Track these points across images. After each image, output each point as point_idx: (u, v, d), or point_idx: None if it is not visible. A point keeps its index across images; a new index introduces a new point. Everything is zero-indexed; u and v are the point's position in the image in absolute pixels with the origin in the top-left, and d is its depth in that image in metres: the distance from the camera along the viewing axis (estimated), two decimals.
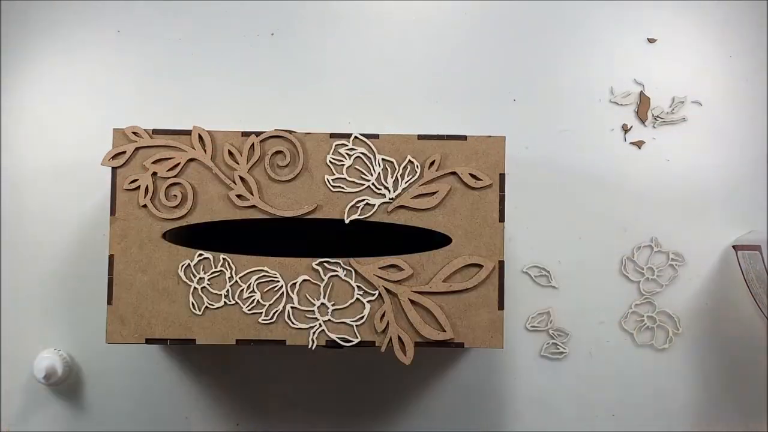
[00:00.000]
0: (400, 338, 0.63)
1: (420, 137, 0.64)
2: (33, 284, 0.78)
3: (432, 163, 0.64)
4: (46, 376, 0.73)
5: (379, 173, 0.64)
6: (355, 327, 0.63)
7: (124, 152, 0.64)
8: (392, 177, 0.64)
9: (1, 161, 0.79)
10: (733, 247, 0.44)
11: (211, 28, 0.81)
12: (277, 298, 0.63)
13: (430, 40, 0.81)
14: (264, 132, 0.64)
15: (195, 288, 0.63)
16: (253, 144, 0.64)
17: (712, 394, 0.79)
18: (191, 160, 0.64)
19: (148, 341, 0.63)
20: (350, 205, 0.64)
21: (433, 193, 0.64)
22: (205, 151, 0.64)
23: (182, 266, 0.63)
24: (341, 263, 0.63)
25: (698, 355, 0.78)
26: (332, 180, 0.64)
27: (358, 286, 0.63)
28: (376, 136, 0.65)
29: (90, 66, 0.81)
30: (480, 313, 0.63)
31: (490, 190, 0.64)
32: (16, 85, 0.80)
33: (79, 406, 0.78)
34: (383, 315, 0.63)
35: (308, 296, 0.63)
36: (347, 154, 0.64)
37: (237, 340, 0.63)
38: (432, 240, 0.64)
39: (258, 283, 0.63)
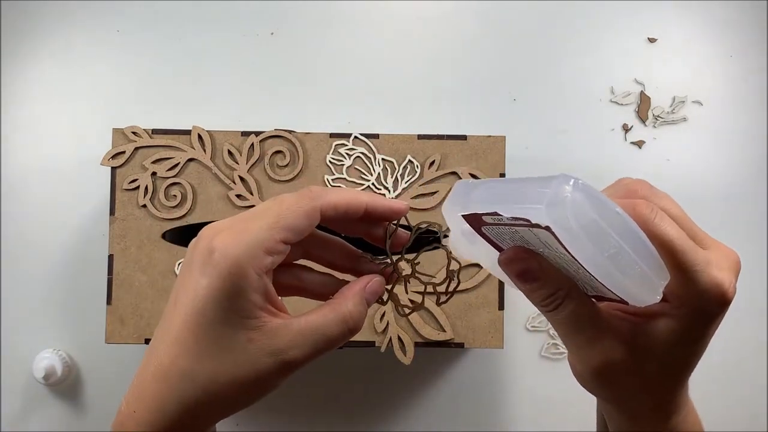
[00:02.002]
0: (400, 338, 0.62)
1: (420, 137, 0.64)
2: (33, 284, 0.78)
3: (432, 163, 0.64)
4: (46, 376, 0.73)
5: (379, 173, 0.64)
6: None
7: (124, 152, 0.64)
8: (392, 177, 0.64)
9: (1, 161, 0.79)
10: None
11: (211, 28, 0.81)
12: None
13: (430, 40, 0.81)
14: (264, 132, 0.64)
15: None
16: (252, 144, 0.64)
17: (713, 393, 0.78)
18: (191, 159, 0.64)
19: (147, 341, 0.63)
20: None
21: (433, 193, 0.64)
22: (204, 151, 0.64)
23: (179, 264, 0.63)
24: None
25: None
26: (332, 180, 0.64)
27: None
28: (376, 136, 0.65)
29: (90, 66, 0.81)
30: (480, 313, 0.63)
31: None
32: (16, 85, 0.80)
33: (78, 406, 0.78)
34: (383, 315, 0.62)
35: None
36: (347, 154, 0.64)
37: None
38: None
39: None
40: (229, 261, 0.30)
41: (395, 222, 0.36)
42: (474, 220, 0.32)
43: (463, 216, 0.33)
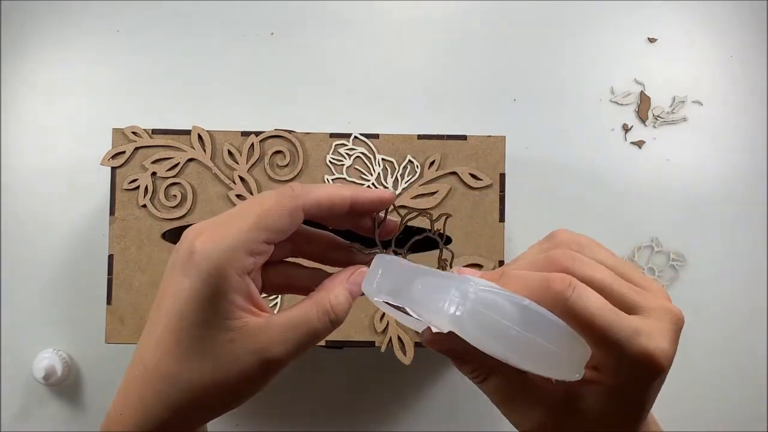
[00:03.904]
0: (399, 338, 0.62)
1: (420, 137, 0.64)
2: (33, 284, 0.78)
3: (432, 163, 0.64)
4: (46, 376, 0.73)
5: (379, 173, 0.64)
6: (355, 327, 0.62)
7: (124, 152, 0.64)
8: (392, 177, 0.64)
9: (1, 161, 0.79)
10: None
11: (211, 28, 0.81)
12: (276, 298, 0.63)
13: (430, 40, 0.81)
14: (264, 132, 0.64)
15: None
16: (252, 144, 0.64)
17: (712, 393, 0.78)
18: (191, 159, 0.64)
19: None
20: None
21: (433, 193, 0.64)
22: (204, 151, 0.64)
23: None
24: None
25: (698, 354, 0.78)
26: (332, 180, 0.64)
27: None
28: (376, 136, 0.65)
29: (90, 66, 0.81)
30: None
31: (490, 190, 0.64)
32: (16, 85, 0.80)
33: (78, 406, 0.78)
34: (383, 315, 0.62)
35: None
36: (347, 154, 0.64)
37: None
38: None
39: None
40: (210, 263, 0.29)
41: (385, 211, 0.35)
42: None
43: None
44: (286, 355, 0.31)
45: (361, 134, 0.64)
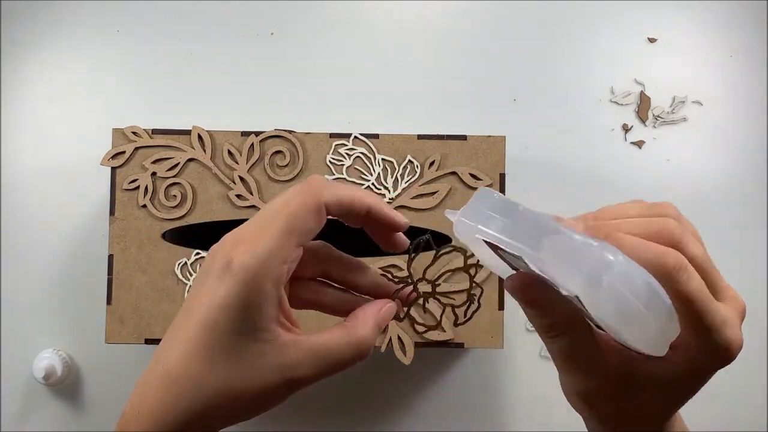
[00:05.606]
0: (400, 338, 0.62)
1: (420, 137, 0.64)
2: (33, 284, 0.78)
3: (432, 163, 0.64)
4: (46, 376, 0.73)
5: (379, 173, 0.64)
6: None
7: (124, 152, 0.64)
8: (392, 177, 0.64)
9: (1, 161, 0.79)
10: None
11: (211, 28, 0.81)
12: None
13: (430, 40, 0.81)
14: (264, 132, 0.64)
15: (191, 286, 0.63)
16: (252, 144, 0.64)
17: (712, 393, 0.78)
18: (191, 160, 0.64)
19: (147, 341, 0.63)
20: None
21: (433, 193, 0.64)
22: (204, 151, 0.64)
23: (179, 264, 0.63)
24: None
25: None
26: (332, 180, 0.64)
27: None
28: (376, 136, 0.65)
29: (90, 66, 0.81)
30: (480, 313, 0.63)
31: None
32: (16, 85, 0.80)
33: (78, 406, 0.78)
34: None
35: None
36: (347, 154, 0.64)
37: None
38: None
39: None
40: (248, 273, 0.30)
41: (423, 238, 0.35)
42: (490, 243, 0.32)
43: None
44: (311, 377, 0.32)
45: (361, 134, 0.64)
